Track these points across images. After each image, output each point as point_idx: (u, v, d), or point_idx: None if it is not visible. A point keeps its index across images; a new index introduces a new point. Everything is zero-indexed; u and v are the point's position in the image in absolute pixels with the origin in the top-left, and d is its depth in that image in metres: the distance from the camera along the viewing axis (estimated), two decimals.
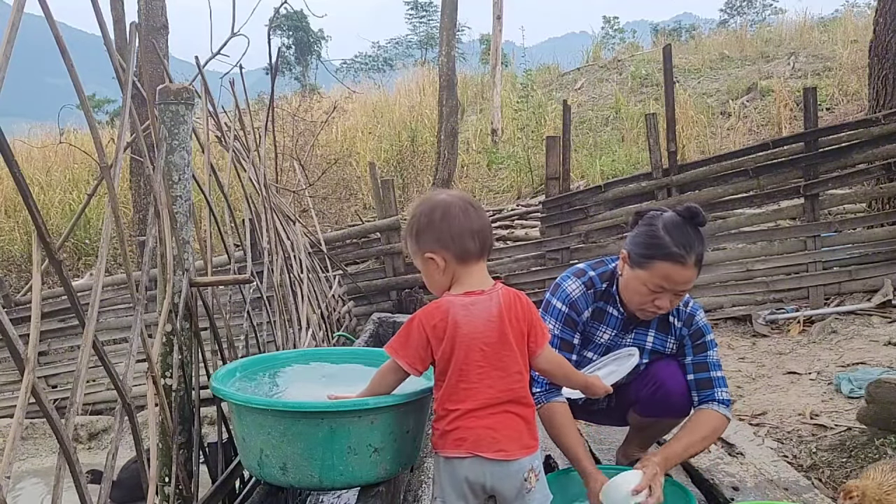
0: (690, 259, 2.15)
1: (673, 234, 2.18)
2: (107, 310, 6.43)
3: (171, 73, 2.60)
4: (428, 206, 1.77)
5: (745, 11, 35.69)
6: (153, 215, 1.89)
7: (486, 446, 1.69)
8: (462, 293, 1.73)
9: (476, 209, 1.77)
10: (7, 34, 1.06)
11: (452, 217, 1.73)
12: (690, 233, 2.20)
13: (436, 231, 1.73)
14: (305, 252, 4.58)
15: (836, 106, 10.66)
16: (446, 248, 1.72)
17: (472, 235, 1.73)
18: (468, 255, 1.74)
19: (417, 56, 34.55)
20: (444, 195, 1.80)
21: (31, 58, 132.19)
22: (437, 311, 1.71)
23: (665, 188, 5.95)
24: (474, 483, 1.71)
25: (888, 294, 5.31)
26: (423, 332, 1.70)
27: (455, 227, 1.72)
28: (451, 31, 11.22)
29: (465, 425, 1.70)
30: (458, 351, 1.69)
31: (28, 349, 1.12)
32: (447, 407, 1.72)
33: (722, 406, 2.27)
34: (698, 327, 2.33)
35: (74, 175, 11.29)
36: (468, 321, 1.69)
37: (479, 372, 1.70)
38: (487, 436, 1.70)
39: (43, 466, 5.61)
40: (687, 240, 2.17)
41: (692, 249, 2.16)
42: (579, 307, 2.34)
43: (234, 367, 2.13)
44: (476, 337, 1.69)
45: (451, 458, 1.72)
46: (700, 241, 2.20)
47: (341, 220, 10.25)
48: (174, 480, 1.92)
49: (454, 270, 1.74)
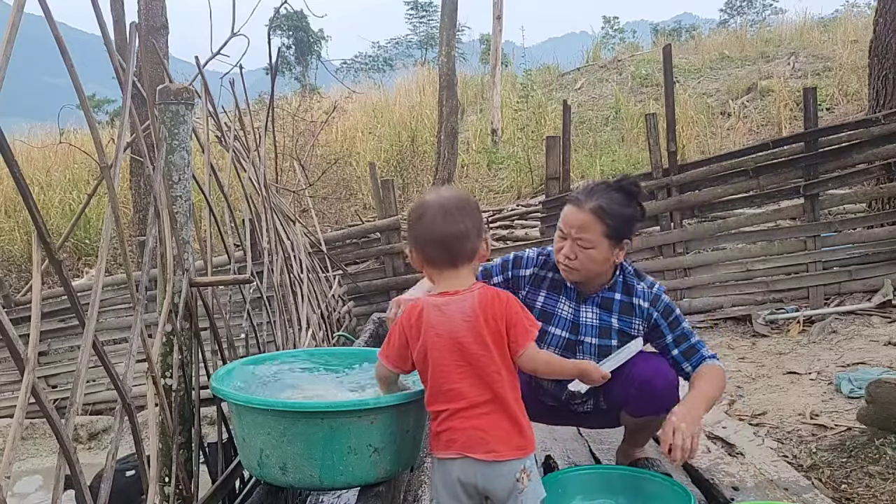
0: (587, 204, 2.24)
1: (587, 186, 2.32)
2: (107, 310, 6.42)
3: (171, 73, 2.60)
4: (417, 204, 1.82)
5: (745, 11, 35.68)
6: (153, 215, 1.89)
7: (477, 447, 1.69)
8: (437, 294, 1.77)
9: (449, 216, 1.74)
10: (7, 34, 1.06)
11: (423, 222, 1.76)
12: (604, 190, 2.28)
13: (412, 231, 1.79)
14: (305, 252, 4.57)
15: (836, 106, 10.66)
16: (417, 250, 1.79)
17: (434, 244, 1.75)
18: (433, 261, 1.78)
19: (417, 56, 34.52)
20: (433, 196, 1.82)
21: (31, 58, 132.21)
22: (413, 311, 1.76)
23: (665, 188, 5.94)
24: (466, 484, 1.72)
25: (888, 294, 5.31)
26: (402, 331, 1.77)
27: (421, 232, 1.76)
28: (451, 31, 11.23)
29: (455, 426, 1.71)
30: (431, 350, 1.71)
31: (28, 349, 1.12)
32: (435, 408, 1.74)
33: (714, 360, 2.33)
34: (665, 304, 2.36)
35: (74, 175, 11.29)
36: (441, 321, 1.71)
37: (459, 372, 1.70)
38: (477, 436, 1.70)
39: (43, 466, 5.60)
40: (594, 191, 2.28)
41: (592, 197, 2.24)
42: (522, 262, 2.44)
43: (231, 366, 2.13)
44: (450, 337, 1.71)
45: (443, 459, 1.73)
46: (615, 202, 2.25)
47: (341, 220, 10.26)
48: (174, 480, 1.92)
49: (430, 272, 1.80)
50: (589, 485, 2.25)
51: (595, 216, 2.21)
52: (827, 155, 5.62)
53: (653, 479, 2.23)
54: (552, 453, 2.78)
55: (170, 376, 1.99)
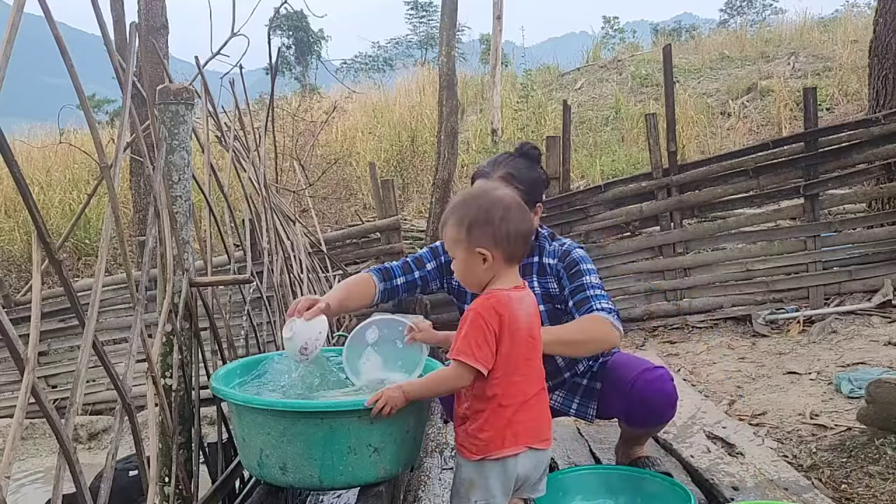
0: (496, 173, 2.29)
1: (491, 160, 2.38)
2: (107, 310, 6.42)
3: (171, 73, 2.60)
4: (487, 200, 1.75)
5: (745, 11, 35.71)
6: (153, 215, 1.89)
7: (536, 437, 1.75)
8: (511, 287, 1.76)
9: (525, 210, 1.80)
10: (7, 34, 1.06)
11: (511, 218, 1.74)
12: (508, 158, 2.35)
13: (493, 229, 1.72)
14: (305, 252, 4.58)
15: (836, 106, 10.66)
16: (499, 247, 1.73)
17: (523, 238, 1.77)
18: (516, 257, 1.78)
19: (417, 56, 34.53)
20: (501, 191, 1.82)
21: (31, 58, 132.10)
22: (500, 305, 1.71)
23: (665, 188, 5.94)
24: (522, 476, 1.75)
25: (888, 294, 5.30)
26: (493, 328, 1.69)
27: (513, 228, 1.73)
28: (451, 31, 11.21)
29: (518, 419, 1.73)
30: (514, 345, 1.72)
31: (28, 349, 1.12)
32: (502, 403, 1.71)
33: (603, 313, 2.18)
34: (572, 259, 2.33)
35: (74, 175, 11.28)
36: (520, 315, 1.74)
37: (526, 365, 1.74)
38: (535, 427, 1.76)
39: (43, 466, 5.60)
40: (499, 161, 2.34)
41: (499, 167, 2.31)
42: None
43: (234, 366, 2.13)
44: (527, 331, 1.75)
45: (505, 458, 1.71)
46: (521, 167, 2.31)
47: (341, 220, 10.25)
48: (174, 480, 1.92)
49: (497, 269, 1.75)
50: (589, 485, 2.25)
51: (506, 183, 2.22)
52: (827, 155, 5.62)
53: (653, 479, 2.23)
54: (552, 453, 2.78)
55: (170, 376, 1.99)
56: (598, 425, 3.40)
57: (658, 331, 5.77)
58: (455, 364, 1.69)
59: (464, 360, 1.67)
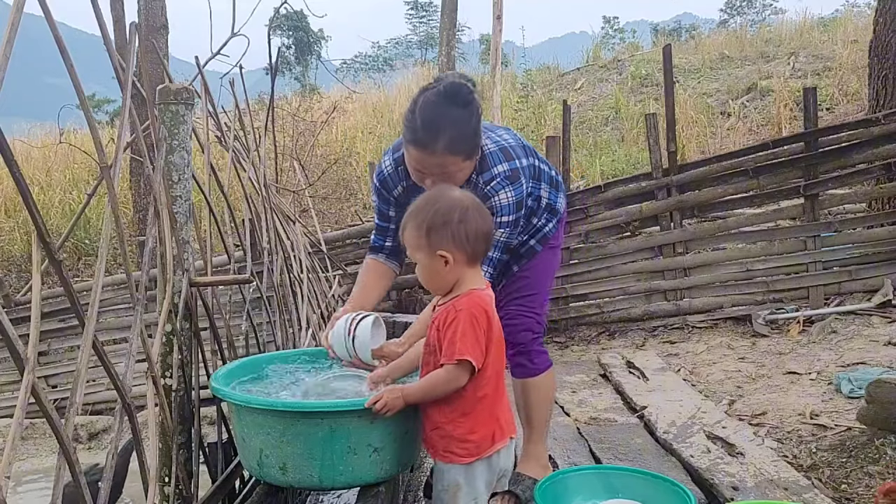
0: (437, 146, 2.01)
1: (425, 116, 2.02)
2: (107, 310, 6.42)
3: (171, 73, 2.60)
4: (445, 204, 1.75)
5: (745, 11, 35.72)
6: (153, 215, 1.89)
7: (512, 426, 1.81)
8: (485, 287, 1.80)
9: (486, 211, 1.82)
10: (7, 34, 1.06)
11: (469, 219, 1.74)
12: (442, 114, 2.01)
13: (451, 231, 1.73)
14: (305, 252, 4.58)
15: (836, 106, 10.65)
16: (460, 249, 1.74)
17: (483, 238, 1.78)
18: (478, 257, 1.79)
19: (417, 56, 34.56)
20: (456, 193, 1.81)
21: (30, 58, 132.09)
22: (486, 304, 1.75)
23: (665, 188, 5.94)
24: (502, 468, 1.80)
25: (888, 294, 5.30)
26: (483, 327, 1.72)
27: (472, 229, 1.74)
28: (451, 31, 11.23)
29: (499, 412, 1.77)
30: (497, 343, 1.77)
31: (28, 349, 1.12)
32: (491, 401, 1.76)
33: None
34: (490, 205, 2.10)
35: (74, 175, 11.28)
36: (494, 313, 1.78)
37: (499, 360, 1.79)
38: (509, 416, 1.81)
39: (43, 466, 5.60)
40: (433, 123, 2.00)
41: (437, 136, 2.00)
42: (389, 185, 2.36)
43: (233, 367, 2.13)
44: (498, 328, 1.79)
45: (490, 457, 1.75)
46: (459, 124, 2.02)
47: (341, 220, 10.24)
48: (174, 480, 1.92)
49: (461, 270, 1.76)
50: (589, 485, 2.25)
51: (450, 153, 2.04)
52: (827, 155, 5.62)
53: (653, 479, 2.23)
54: (552, 453, 2.78)
55: (170, 376, 1.99)
56: (599, 425, 3.40)
57: (658, 331, 5.78)
58: (453, 366, 1.69)
59: (469, 360, 1.68)
